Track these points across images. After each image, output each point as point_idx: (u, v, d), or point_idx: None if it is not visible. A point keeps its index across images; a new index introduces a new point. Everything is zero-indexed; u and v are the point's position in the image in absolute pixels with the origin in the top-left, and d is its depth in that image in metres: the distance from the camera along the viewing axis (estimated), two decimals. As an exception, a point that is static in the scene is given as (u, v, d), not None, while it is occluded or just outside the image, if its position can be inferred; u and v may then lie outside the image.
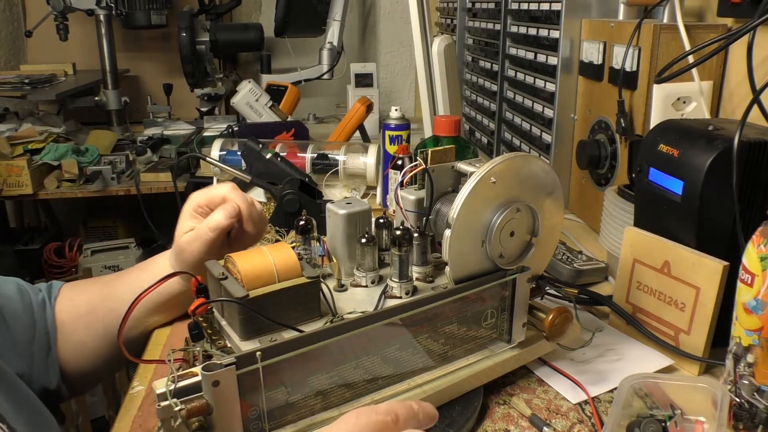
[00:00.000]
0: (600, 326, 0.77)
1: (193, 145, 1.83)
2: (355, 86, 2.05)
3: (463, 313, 0.65)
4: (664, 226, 0.75)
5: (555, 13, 1.15)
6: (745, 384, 0.58)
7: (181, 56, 1.95)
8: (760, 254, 0.56)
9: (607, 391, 0.69)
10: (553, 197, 0.67)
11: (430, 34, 1.18)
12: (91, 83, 2.17)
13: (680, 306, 0.72)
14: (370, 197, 1.33)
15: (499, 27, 1.44)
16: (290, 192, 1.05)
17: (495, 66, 1.50)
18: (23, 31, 2.32)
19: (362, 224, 0.69)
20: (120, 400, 1.09)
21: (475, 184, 0.61)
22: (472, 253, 0.63)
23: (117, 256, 1.92)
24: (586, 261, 0.95)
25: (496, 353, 0.69)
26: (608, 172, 1.06)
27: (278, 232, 1.02)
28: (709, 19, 1.01)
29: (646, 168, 0.77)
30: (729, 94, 0.97)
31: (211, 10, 2.20)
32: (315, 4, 2.13)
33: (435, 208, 0.69)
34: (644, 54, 0.95)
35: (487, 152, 1.59)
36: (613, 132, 1.03)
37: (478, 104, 1.65)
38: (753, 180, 0.69)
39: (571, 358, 0.73)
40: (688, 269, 0.70)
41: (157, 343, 0.80)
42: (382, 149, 1.21)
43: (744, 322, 0.58)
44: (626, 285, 0.79)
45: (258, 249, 0.63)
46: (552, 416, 0.65)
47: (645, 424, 0.59)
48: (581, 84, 1.15)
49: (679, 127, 0.76)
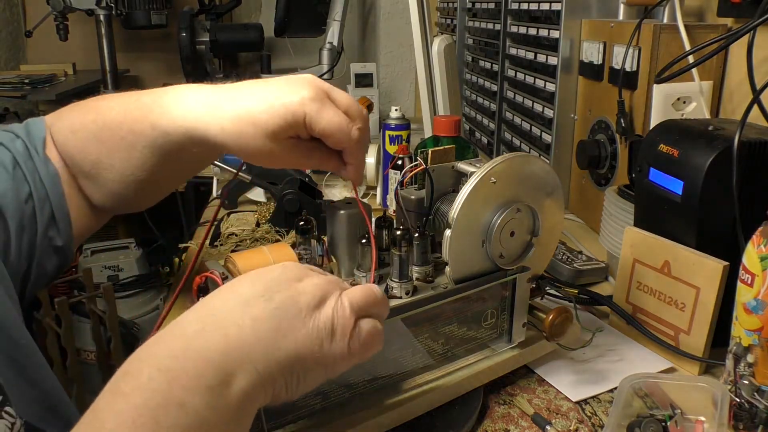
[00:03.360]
0: (600, 326, 0.77)
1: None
2: (355, 86, 2.05)
3: (463, 313, 0.65)
4: (664, 226, 0.75)
5: (555, 13, 1.15)
6: (745, 384, 0.58)
7: (181, 56, 1.95)
8: (760, 254, 0.56)
9: (607, 391, 0.69)
10: (553, 197, 0.67)
11: (430, 34, 1.18)
12: (91, 83, 2.17)
13: (680, 306, 0.72)
14: (370, 197, 1.33)
15: (499, 27, 1.44)
16: (290, 192, 1.05)
17: (495, 66, 1.50)
18: (23, 31, 2.32)
19: (362, 224, 0.69)
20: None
21: (476, 184, 0.61)
22: (473, 253, 0.63)
23: (117, 256, 1.91)
24: (586, 261, 0.95)
25: (496, 353, 0.69)
26: (608, 172, 1.06)
27: (278, 232, 1.02)
28: (709, 19, 1.01)
29: (646, 168, 0.77)
30: (729, 94, 0.97)
31: (211, 10, 2.20)
32: (315, 4, 2.13)
33: (435, 208, 0.69)
34: (644, 54, 0.95)
35: (487, 152, 1.59)
36: (613, 132, 1.03)
37: (478, 104, 1.65)
38: (753, 180, 0.69)
39: (571, 357, 0.73)
40: (688, 269, 0.70)
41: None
42: (382, 149, 1.21)
43: (744, 322, 0.58)
44: (626, 285, 0.79)
45: (258, 249, 0.63)
46: (552, 416, 0.65)
47: (645, 424, 0.59)
48: (581, 84, 1.15)
49: (679, 127, 0.76)
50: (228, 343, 0.43)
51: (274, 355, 0.44)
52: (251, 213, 1.16)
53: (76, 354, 1.58)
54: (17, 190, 0.65)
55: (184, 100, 0.65)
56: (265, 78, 0.64)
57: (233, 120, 0.60)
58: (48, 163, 0.69)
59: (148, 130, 0.66)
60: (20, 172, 0.66)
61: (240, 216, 1.17)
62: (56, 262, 0.69)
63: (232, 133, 0.60)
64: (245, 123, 0.59)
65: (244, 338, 0.43)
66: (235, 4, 2.33)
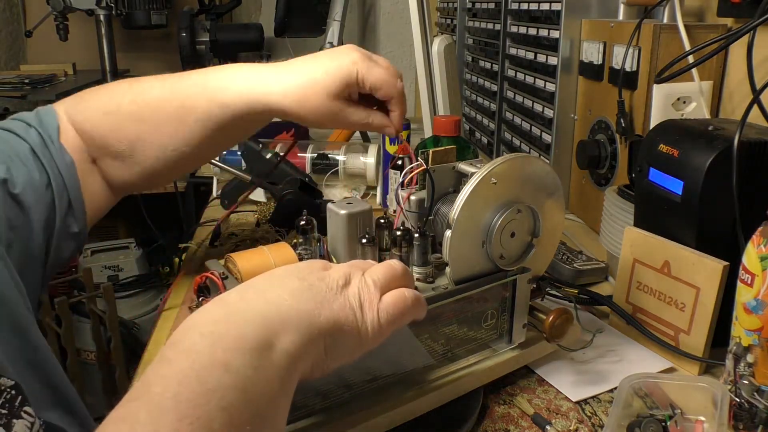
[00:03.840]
0: (600, 327, 0.77)
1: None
2: (355, 86, 2.05)
3: (463, 314, 0.65)
4: (664, 226, 0.75)
5: (555, 13, 1.15)
6: (745, 384, 0.58)
7: (181, 56, 1.95)
8: (760, 254, 0.56)
9: (607, 391, 0.69)
10: (554, 198, 0.67)
11: (430, 34, 1.18)
12: (91, 83, 2.15)
13: (680, 306, 0.72)
14: (370, 197, 1.33)
15: (499, 27, 1.44)
16: (290, 192, 1.05)
17: (495, 66, 1.50)
18: (23, 31, 2.32)
19: (363, 224, 0.69)
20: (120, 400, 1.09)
21: (476, 185, 0.61)
22: (473, 254, 0.63)
23: (117, 256, 1.92)
24: (586, 261, 0.95)
25: (497, 354, 0.69)
26: (608, 172, 1.06)
27: (278, 232, 1.02)
28: (709, 19, 1.01)
29: (646, 168, 0.77)
30: (729, 94, 0.97)
31: (211, 10, 2.20)
32: (315, 4, 2.12)
33: (435, 208, 0.69)
34: (644, 54, 0.95)
35: (487, 152, 1.59)
36: (613, 132, 1.03)
37: (478, 104, 1.65)
38: (753, 180, 0.69)
39: (571, 357, 0.73)
40: (688, 269, 0.70)
41: (159, 344, 0.80)
42: (382, 149, 1.21)
43: (744, 322, 0.58)
44: (626, 285, 0.79)
45: (258, 249, 0.63)
46: (552, 416, 0.65)
47: (645, 424, 0.59)
48: (581, 84, 1.15)
49: (679, 127, 0.76)
50: (270, 308, 0.44)
51: (314, 320, 0.45)
52: (251, 213, 1.16)
53: (76, 354, 1.58)
54: (37, 180, 0.67)
55: (241, 75, 0.71)
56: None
57: (297, 86, 0.68)
58: (63, 151, 0.71)
59: (204, 104, 0.70)
60: (39, 162, 0.68)
61: (240, 216, 1.17)
62: (72, 246, 0.72)
63: (295, 98, 0.68)
64: (308, 87, 0.68)
65: (285, 305, 0.45)
66: (235, 4, 2.33)
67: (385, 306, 0.49)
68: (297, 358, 0.44)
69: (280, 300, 0.45)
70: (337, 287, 0.48)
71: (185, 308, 0.89)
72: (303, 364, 0.45)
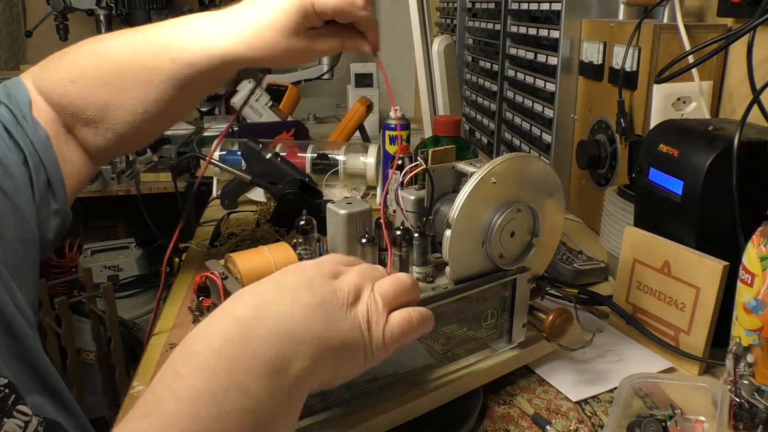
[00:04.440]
0: (600, 327, 0.77)
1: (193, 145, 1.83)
2: (355, 86, 2.05)
3: (463, 314, 0.65)
4: (664, 226, 0.75)
5: (555, 13, 1.15)
6: (745, 384, 0.58)
7: (181, 56, 1.94)
8: (760, 254, 0.56)
9: (607, 391, 0.69)
10: (554, 198, 0.67)
11: (430, 34, 1.18)
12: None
13: (680, 306, 0.72)
14: (370, 197, 1.33)
15: (499, 27, 1.44)
16: (290, 192, 1.05)
17: (495, 66, 1.50)
18: (23, 31, 2.32)
19: (362, 224, 0.69)
20: (120, 400, 1.09)
21: (476, 185, 0.61)
22: (473, 254, 0.63)
23: (117, 256, 1.92)
24: (586, 261, 0.95)
25: (497, 353, 0.69)
26: (608, 172, 1.06)
27: (278, 232, 1.02)
28: (709, 19, 1.01)
29: (646, 168, 0.77)
30: (729, 94, 0.97)
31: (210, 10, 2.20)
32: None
33: (435, 208, 0.69)
34: (644, 54, 0.95)
35: (487, 152, 1.59)
36: (613, 132, 1.03)
37: (478, 104, 1.65)
38: (753, 180, 0.69)
39: (571, 357, 0.73)
40: (688, 269, 0.70)
41: (158, 345, 0.80)
42: (382, 149, 1.21)
43: (744, 322, 0.58)
44: (626, 285, 0.79)
45: (258, 249, 0.63)
46: (552, 416, 0.65)
47: (645, 424, 0.59)
48: (581, 84, 1.15)
49: (679, 127, 0.76)
50: (284, 329, 0.44)
51: (325, 342, 0.45)
52: (251, 213, 1.16)
53: (76, 354, 1.58)
54: (11, 158, 0.65)
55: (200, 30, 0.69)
56: None
57: (255, 35, 0.67)
58: (37, 126, 0.68)
59: (167, 65, 0.69)
60: (12, 140, 0.66)
61: (240, 216, 1.17)
62: (56, 224, 0.70)
63: (258, 47, 0.67)
64: (267, 32, 0.66)
65: (298, 325, 0.45)
66: (234, 4, 2.32)
67: (391, 327, 0.50)
68: (307, 380, 0.45)
69: (293, 321, 0.45)
70: (348, 304, 0.48)
71: (185, 308, 0.89)
72: (311, 386, 0.46)
